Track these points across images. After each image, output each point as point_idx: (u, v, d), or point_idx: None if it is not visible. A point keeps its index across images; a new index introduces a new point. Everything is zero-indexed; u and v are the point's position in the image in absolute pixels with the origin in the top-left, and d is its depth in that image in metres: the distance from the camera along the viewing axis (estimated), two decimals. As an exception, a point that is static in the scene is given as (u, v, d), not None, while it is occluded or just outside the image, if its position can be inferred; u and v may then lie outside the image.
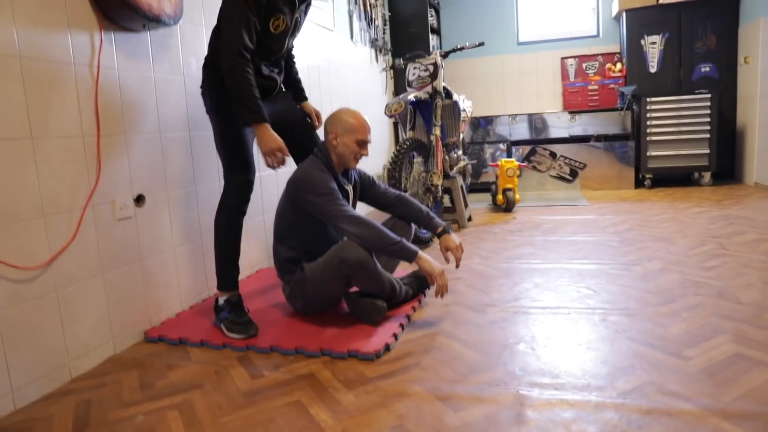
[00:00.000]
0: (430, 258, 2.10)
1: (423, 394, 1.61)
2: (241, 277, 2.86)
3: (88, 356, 1.93)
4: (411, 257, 2.06)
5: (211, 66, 2.16)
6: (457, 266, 2.31)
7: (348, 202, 2.24)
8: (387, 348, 1.93)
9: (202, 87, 2.21)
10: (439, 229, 2.32)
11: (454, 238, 2.30)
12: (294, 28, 2.24)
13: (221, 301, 2.21)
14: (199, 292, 2.54)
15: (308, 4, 2.30)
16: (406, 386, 1.66)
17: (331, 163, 2.19)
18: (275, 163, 2.09)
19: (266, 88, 2.23)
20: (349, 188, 2.30)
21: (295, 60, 2.51)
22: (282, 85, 2.37)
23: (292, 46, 2.41)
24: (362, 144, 2.20)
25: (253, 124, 2.04)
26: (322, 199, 2.08)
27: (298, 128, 2.41)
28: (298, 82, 2.52)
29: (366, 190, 2.41)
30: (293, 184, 2.16)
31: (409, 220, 2.42)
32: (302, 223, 2.19)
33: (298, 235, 2.21)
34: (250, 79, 2.00)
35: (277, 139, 2.06)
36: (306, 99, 2.53)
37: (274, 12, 2.07)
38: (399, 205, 2.40)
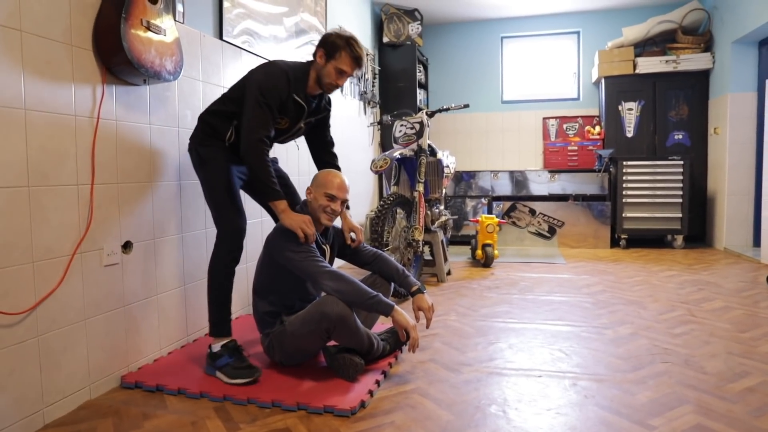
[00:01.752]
0: (405, 313, 2.17)
1: (396, 454, 1.65)
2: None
3: (64, 402, 1.94)
4: (387, 311, 2.13)
5: (205, 121, 2.31)
6: (428, 326, 2.38)
7: (325, 259, 2.32)
8: (362, 405, 1.97)
9: (191, 140, 2.34)
10: (414, 288, 2.40)
11: (427, 298, 2.38)
12: (296, 131, 2.46)
13: (217, 347, 2.23)
14: (178, 338, 2.56)
15: (317, 114, 2.50)
16: (379, 446, 1.70)
17: (313, 220, 2.27)
18: (305, 236, 2.19)
19: None
20: (327, 247, 2.39)
21: (336, 159, 2.65)
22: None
23: (330, 144, 2.64)
24: (330, 198, 2.27)
25: (273, 201, 2.23)
26: (300, 256, 2.15)
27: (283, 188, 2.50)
28: (333, 158, 2.64)
29: (343, 248, 2.50)
30: (272, 241, 2.25)
31: (386, 278, 2.49)
32: (281, 279, 2.25)
33: (277, 290, 2.27)
34: (268, 163, 2.22)
35: (299, 217, 2.20)
36: (347, 207, 2.53)
37: (281, 113, 2.31)
38: (375, 263, 2.48)
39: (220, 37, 2.90)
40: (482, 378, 2.23)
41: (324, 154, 2.64)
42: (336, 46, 2.31)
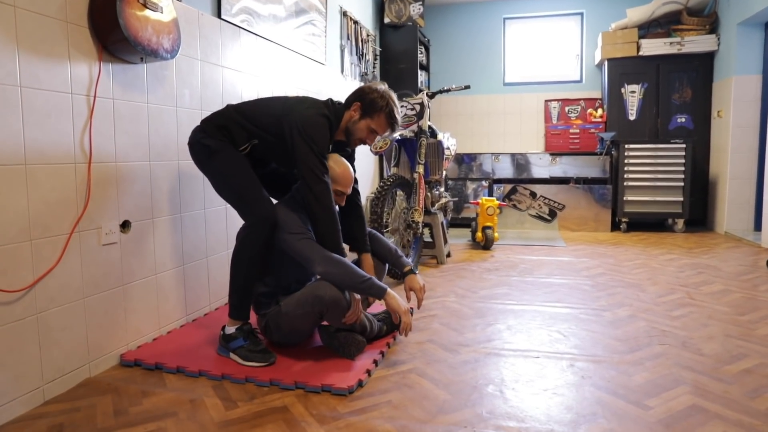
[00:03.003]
0: (398, 296, 2.17)
1: (392, 432, 1.66)
2: (218, 304, 2.91)
3: (63, 379, 1.95)
4: (380, 294, 2.12)
5: (221, 123, 2.20)
6: (419, 307, 2.39)
7: None
8: (360, 384, 1.98)
9: (195, 134, 2.23)
10: (406, 269, 2.41)
11: (419, 279, 2.38)
12: None
13: (231, 329, 2.21)
14: (177, 318, 2.57)
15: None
16: (376, 424, 1.71)
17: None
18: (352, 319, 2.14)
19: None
20: None
21: (362, 210, 2.48)
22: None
23: (357, 193, 2.46)
24: (339, 194, 2.26)
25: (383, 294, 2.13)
26: (294, 238, 2.14)
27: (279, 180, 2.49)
28: (361, 232, 2.43)
29: None
30: None
31: (377, 257, 2.49)
32: (277, 261, 2.25)
33: (273, 272, 2.27)
34: (335, 214, 2.16)
35: (400, 302, 2.14)
36: (368, 250, 2.43)
37: None
38: (370, 242, 2.47)
39: (219, 15, 2.87)
40: (480, 358, 2.24)
41: (352, 220, 2.45)
42: (376, 107, 2.24)
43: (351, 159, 2.47)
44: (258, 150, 2.25)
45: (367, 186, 5.58)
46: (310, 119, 2.14)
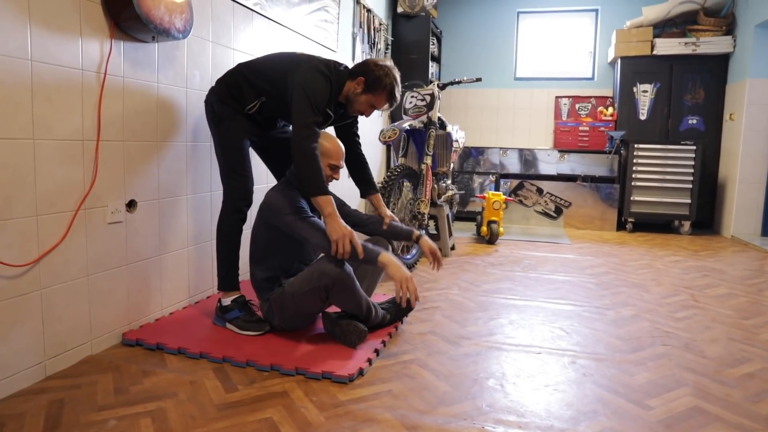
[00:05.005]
0: (397, 261, 2.17)
1: (392, 421, 1.66)
2: (217, 290, 2.91)
3: (65, 356, 1.95)
4: (374, 257, 2.15)
5: (233, 82, 2.32)
6: (439, 268, 2.49)
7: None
8: (361, 372, 1.98)
9: (210, 93, 2.36)
10: (415, 235, 2.49)
11: (430, 239, 2.49)
12: (323, 123, 2.36)
13: (227, 301, 2.35)
14: (181, 299, 2.57)
15: (344, 123, 2.54)
16: (376, 413, 1.71)
17: None
18: (342, 253, 2.10)
19: (267, 124, 2.45)
20: None
21: (364, 157, 2.68)
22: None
23: (358, 144, 2.65)
24: (334, 168, 2.30)
25: (316, 197, 2.14)
26: (290, 217, 2.17)
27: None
28: (368, 174, 2.69)
29: (338, 209, 2.49)
30: (266, 207, 2.25)
31: (382, 235, 2.52)
32: (277, 242, 2.26)
33: (274, 254, 2.28)
34: (317, 157, 2.16)
35: (344, 230, 2.11)
36: (377, 190, 2.68)
37: None
38: (371, 224, 2.53)
39: (232, -3, 2.84)
40: (481, 352, 2.23)
41: (350, 144, 2.60)
42: (379, 84, 2.30)
43: (353, 121, 2.62)
44: (267, 107, 2.34)
45: (373, 175, 5.56)
46: (313, 76, 2.22)
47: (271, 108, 2.35)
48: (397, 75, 2.37)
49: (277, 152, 2.57)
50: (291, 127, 2.35)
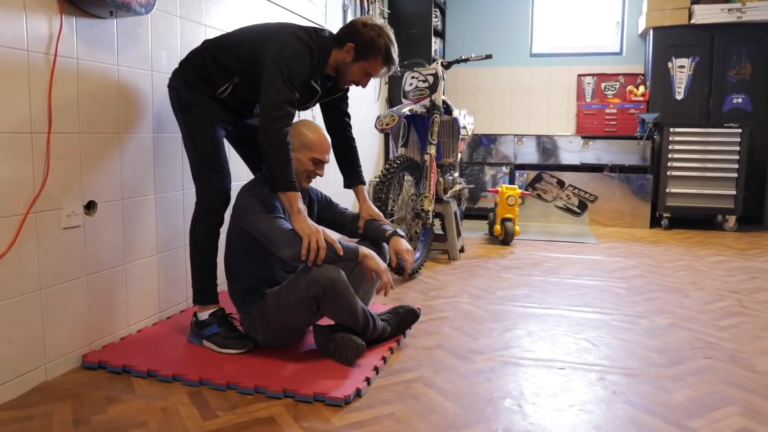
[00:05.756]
0: (375, 255, 2.25)
1: (394, 450, 1.66)
2: (192, 303, 2.90)
3: (15, 383, 1.95)
4: (355, 255, 2.20)
5: (200, 63, 2.30)
6: (407, 271, 2.59)
7: None
8: (358, 393, 1.98)
9: (174, 76, 2.35)
10: (389, 233, 2.49)
11: (404, 241, 2.49)
12: (300, 110, 2.39)
13: (204, 315, 2.34)
14: (150, 314, 2.57)
15: (333, 97, 2.55)
16: (375, 440, 1.71)
17: None
18: (312, 254, 2.08)
19: (241, 109, 2.43)
20: (303, 208, 2.36)
21: (354, 142, 2.69)
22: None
23: (348, 127, 2.66)
24: (318, 163, 2.30)
25: (285, 192, 2.14)
26: (257, 218, 2.14)
27: None
28: (355, 163, 2.66)
29: (324, 210, 2.54)
30: (236, 207, 2.26)
31: (366, 238, 2.53)
32: (253, 248, 2.25)
33: (250, 262, 2.28)
34: (288, 147, 2.14)
35: (312, 227, 2.10)
36: (363, 182, 2.66)
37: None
38: (354, 223, 2.55)
39: (202, -35, 2.85)
40: (496, 368, 2.23)
41: (339, 126, 2.64)
42: (372, 48, 2.30)
43: (344, 95, 2.62)
44: (241, 89, 2.33)
45: (370, 169, 5.56)
46: (288, 45, 2.19)
47: (246, 90, 2.33)
48: (391, 33, 2.36)
49: (256, 143, 2.55)
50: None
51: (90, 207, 2.22)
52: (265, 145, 2.13)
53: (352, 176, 2.65)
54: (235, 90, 2.32)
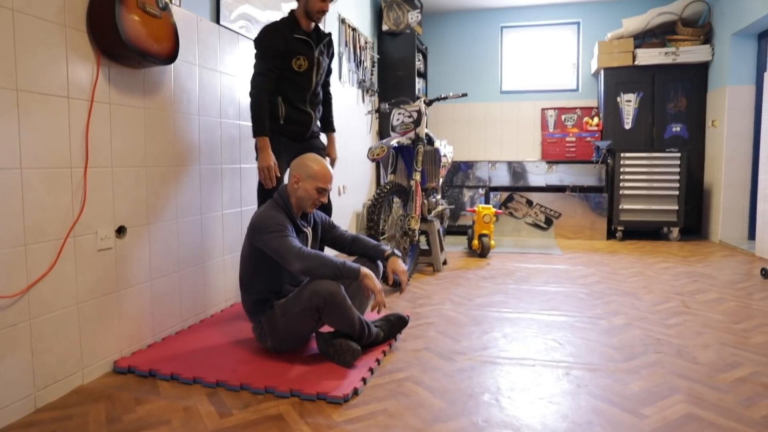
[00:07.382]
0: (374, 275, 2.24)
1: (388, 441, 1.65)
2: (214, 310, 2.90)
3: (56, 386, 1.93)
4: (356, 274, 2.18)
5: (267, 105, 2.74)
6: (402, 290, 2.51)
7: (306, 244, 2.36)
8: (355, 392, 1.97)
9: None
10: (387, 253, 2.48)
11: (401, 262, 2.47)
12: (317, 66, 2.78)
13: None
14: (173, 324, 2.55)
15: (327, 49, 2.91)
16: (371, 432, 1.70)
17: (289, 205, 2.28)
18: (265, 179, 2.59)
19: (300, 122, 2.79)
20: (308, 230, 2.40)
21: (331, 97, 3.08)
22: (315, 130, 2.91)
23: (329, 84, 3.04)
24: (321, 192, 2.30)
25: (257, 137, 2.59)
26: (269, 237, 2.16)
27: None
28: (330, 114, 3.09)
29: (327, 232, 2.54)
30: (250, 227, 2.26)
31: (362, 255, 2.52)
32: (265, 264, 2.25)
33: (263, 277, 2.27)
34: (265, 100, 2.63)
35: (269, 159, 2.57)
36: (333, 130, 3.09)
37: (294, 54, 2.68)
38: (354, 244, 2.53)
39: (217, 21, 2.87)
40: (476, 367, 2.23)
41: (325, 84, 3.00)
42: None
43: (331, 57, 2.97)
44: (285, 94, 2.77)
45: (363, 193, 5.57)
46: (259, 35, 2.67)
47: (287, 91, 2.72)
48: None
49: None
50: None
51: (120, 231, 2.22)
52: (251, 96, 2.62)
53: (325, 124, 3.06)
54: (284, 104, 2.74)
